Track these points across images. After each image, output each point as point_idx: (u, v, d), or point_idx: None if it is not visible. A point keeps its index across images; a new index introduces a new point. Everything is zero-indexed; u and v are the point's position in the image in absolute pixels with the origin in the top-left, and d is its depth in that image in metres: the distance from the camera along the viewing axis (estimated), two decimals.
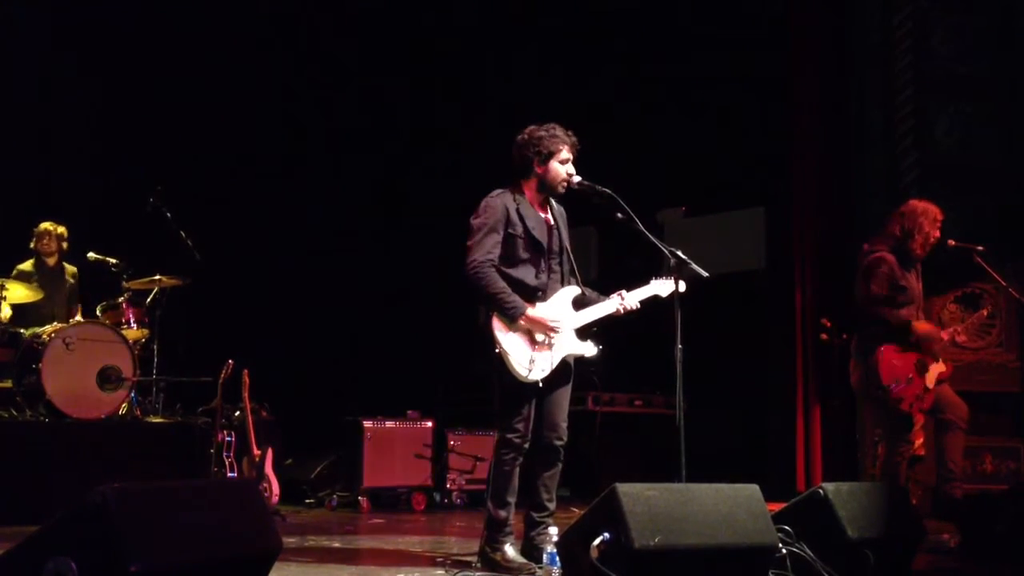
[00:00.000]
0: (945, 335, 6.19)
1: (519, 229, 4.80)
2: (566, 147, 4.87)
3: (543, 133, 4.86)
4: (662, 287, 5.05)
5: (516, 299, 4.68)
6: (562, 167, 4.86)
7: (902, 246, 6.04)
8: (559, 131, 4.88)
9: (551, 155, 4.85)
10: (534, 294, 4.79)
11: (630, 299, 4.96)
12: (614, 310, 4.92)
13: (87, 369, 6.93)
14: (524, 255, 4.81)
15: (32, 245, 7.72)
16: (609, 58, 9.64)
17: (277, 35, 9.80)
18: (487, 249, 4.74)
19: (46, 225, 7.72)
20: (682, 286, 4.70)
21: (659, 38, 9.38)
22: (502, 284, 4.70)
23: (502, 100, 9.60)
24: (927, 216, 6.03)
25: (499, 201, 4.84)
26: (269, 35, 9.73)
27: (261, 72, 9.61)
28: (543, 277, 4.85)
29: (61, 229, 7.74)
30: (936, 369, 6.04)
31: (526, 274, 4.80)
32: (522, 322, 4.67)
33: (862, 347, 6.08)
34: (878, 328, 5.99)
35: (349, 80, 10.13)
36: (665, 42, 9.35)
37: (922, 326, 6.01)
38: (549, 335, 4.72)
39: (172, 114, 8.98)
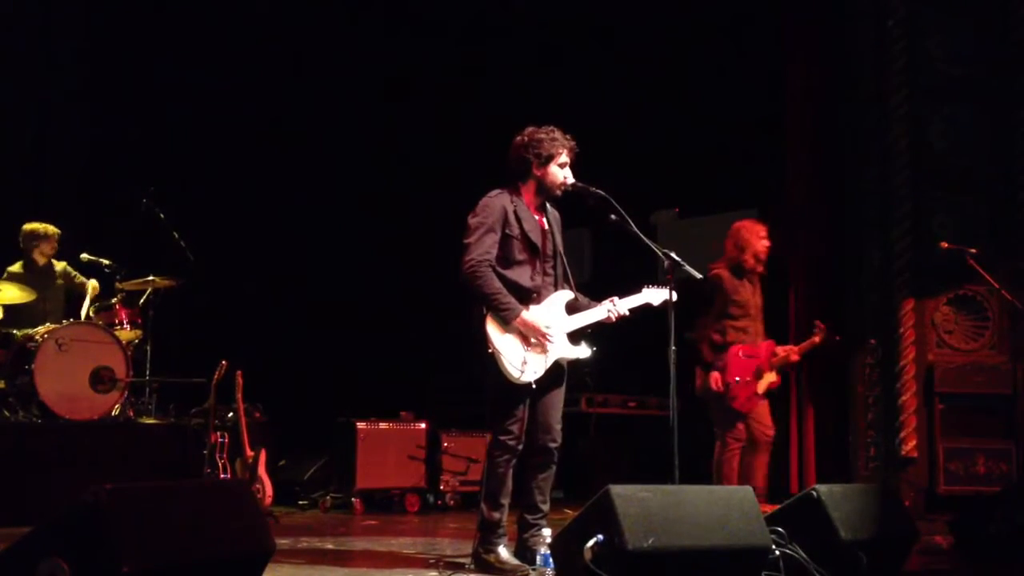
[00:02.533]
0: (782, 351, 6.65)
1: (516, 230, 4.80)
2: (565, 151, 4.86)
3: (543, 136, 4.85)
4: (654, 295, 5.04)
5: (512, 301, 4.68)
6: (560, 171, 4.86)
7: (735, 262, 6.59)
8: (559, 134, 4.87)
9: (551, 158, 4.84)
10: (528, 296, 4.79)
11: (621, 306, 4.96)
12: (604, 316, 4.92)
13: (80, 370, 6.91)
14: (520, 257, 4.81)
15: (30, 245, 7.60)
16: (604, 59, 9.64)
17: (273, 35, 9.79)
18: (485, 248, 4.73)
19: (40, 227, 7.60)
20: (674, 295, 4.71)
21: (653, 39, 9.38)
22: (499, 285, 4.70)
23: (498, 99, 9.59)
24: (751, 231, 6.63)
25: (498, 201, 4.83)
26: (264, 35, 9.72)
27: (255, 72, 9.60)
28: (538, 279, 4.85)
29: (55, 230, 7.66)
30: (768, 379, 6.52)
31: (521, 276, 4.80)
32: (516, 324, 4.67)
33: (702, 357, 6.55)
34: (714, 338, 6.48)
35: (344, 81, 10.11)
36: (659, 43, 9.35)
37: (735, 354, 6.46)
38: (542, 341, 4.72)
39: (165, 114, 8.97)
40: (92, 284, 7.70)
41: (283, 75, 9.85)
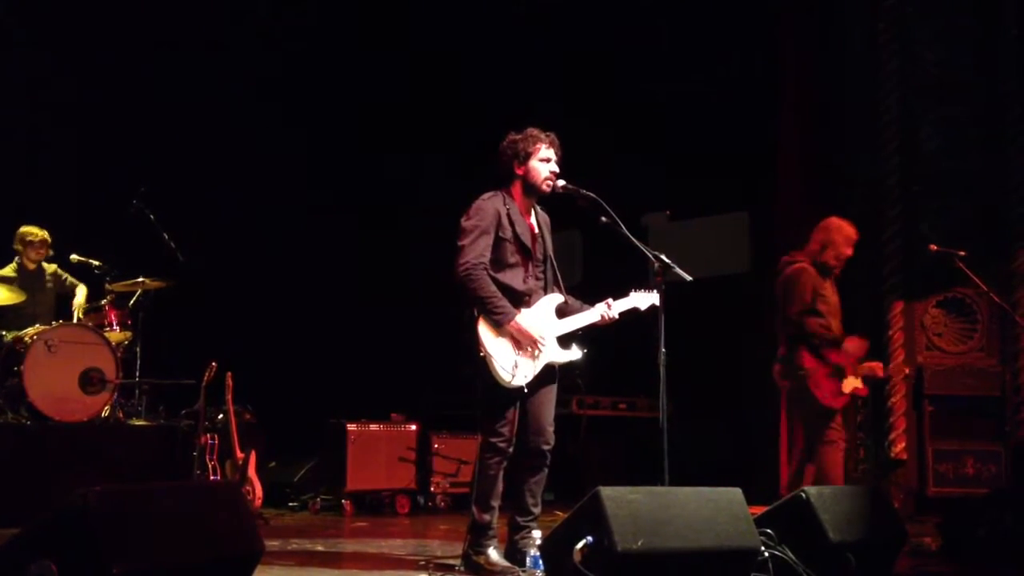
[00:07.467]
0: (861, 364, 6.29)
1: (509, 233, 4.81)
2: (544, 144, 4.89)
3: (519, 136, 4.91)
4: (642, 299, 5.03)
5: (506, 305, 4.68)
6: (543, 165, 4.88)
7: (818, 259, 6.29)
8: (535, 131, 4.92)
9: (529, 155, 4.88)
10: (521, 299, 4.79)
11: (616, 308, 4.96)
12: (597, 318, 4.91)
13: (69, 371, 6.89)
14: (512, 260, 4.82)
15: (19, 247, 7.59)
16: (595, 60, 9.64)
17: (264, 35, 9.77)
18: (479, 251, 4.74)
19: (35, 231, 7.58)
20: (660, 298, 4.72)
21: (645, 41, 9.39)
22: (493, 288, 4.70)
23: (489, 102, 9.59)
24: (840, 233, 6.28)
25: (491, 204, 4.85)
26: (255, 35, 9.70)
27: (245, 72, 9.58)
28: (530, 282, 4.86)
29: (46, 234, 7.64)
30: (852, 383, 6.18)
31: (514, 278, 4.81)
32: (510, 329, 4.68)
33: (790, 356, 6.28)
34: (803, 337, 6.19)
35: (335, 82, 10.10)
36: (651, 45, 9.36)
37: (850, 343, 6.26)
38: (534, 347, 4.72)
39: (156, 115, 8.94)
40: (82, 289, 7.67)
41: (273, 75, 9.83)
